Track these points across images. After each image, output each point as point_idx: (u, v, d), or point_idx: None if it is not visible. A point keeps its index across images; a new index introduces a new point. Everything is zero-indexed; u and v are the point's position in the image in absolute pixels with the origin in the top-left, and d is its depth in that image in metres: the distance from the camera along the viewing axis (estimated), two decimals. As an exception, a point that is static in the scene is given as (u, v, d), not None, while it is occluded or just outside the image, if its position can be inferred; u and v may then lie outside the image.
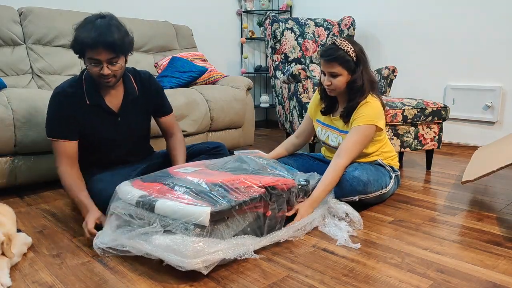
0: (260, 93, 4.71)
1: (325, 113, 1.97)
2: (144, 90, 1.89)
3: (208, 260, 1.24)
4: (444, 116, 2.51)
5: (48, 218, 1.77)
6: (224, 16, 4.28)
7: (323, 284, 1.23)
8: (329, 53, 1.76)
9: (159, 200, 1.33)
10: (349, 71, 1.77)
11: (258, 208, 1.44)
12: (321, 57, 1.80)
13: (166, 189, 1.42)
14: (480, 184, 2.27)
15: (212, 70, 3.18)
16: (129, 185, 1.50)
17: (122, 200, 1.44)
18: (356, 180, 1.74)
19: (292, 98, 2.85)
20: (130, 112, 1.86)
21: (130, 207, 1.39)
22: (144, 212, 1.35)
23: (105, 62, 1.64)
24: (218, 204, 1.31)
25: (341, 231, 1.58)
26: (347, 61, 1.75)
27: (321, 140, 2.01)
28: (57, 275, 1.28)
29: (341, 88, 1.81)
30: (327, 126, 1.97)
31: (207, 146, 2.10)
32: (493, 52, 3.09)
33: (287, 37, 3.37)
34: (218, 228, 1.30)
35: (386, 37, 3.70)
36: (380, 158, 1.93)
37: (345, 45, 1.75)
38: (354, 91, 1.79)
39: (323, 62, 1.79)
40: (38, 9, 2.74)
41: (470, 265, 1.34)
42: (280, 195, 1.53)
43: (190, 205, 1.29)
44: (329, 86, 1.81)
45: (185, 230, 1.26)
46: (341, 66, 1.76)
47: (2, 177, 2.03)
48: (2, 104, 2.00)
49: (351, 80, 1.79)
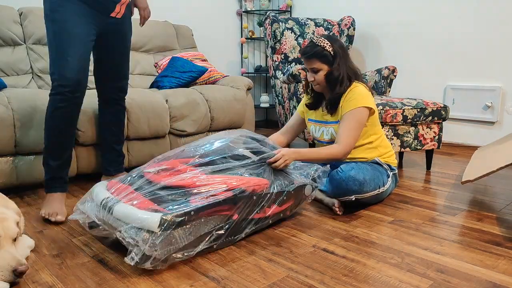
0: (260, 93, 4.71)
1: (311, 107, 2.02)
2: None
3: None
4: (444, 116, 2.51)
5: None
6: (224, 16, 4.29)
7: (323, 284, 1.23)
8: (307, 50, 1.86)
9: (117, 204, 1.36)
10: (328, 64, 1.85)
11: (223, 212, 1.41)
12: (302, 55, 1.89)
13: (130, 192, 1.44)
14: (480, 184, 2.27)
15: (212, 70, 3.18)
16: (104, 185, 1.56)
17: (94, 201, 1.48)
18: (351, 179, 1.74)
19: (292, 98, 2.85)
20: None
21: (99, 210, 1.43)
22: (106, 214, 1.39)
23: None
24: (172, 210, 1.31)
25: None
26: (325, 55, 1.84)
27: (316, 138, 2.03)
28: (57, 275, 1.28)
29: (324, 82, 1.88)
30: (319, 123, 1.99)
31: None
32: (493, 52, 3.09)
33: (287, 37, 3.38)
34: (172, 233, 1.28)
35: (386, 37, 3.70)
36: (377, 155, 1.93)
37: (322, 41, 1.84)
38: (332, 82, 1.86)
39: (304, 59, 1.89)
40: (38, 9, 2.74)
41: (470, 265, 1.34)
42: (251, 197, 1.49)
43: (144, 210, 1.30)
44: (313, 81, 1.89)
45: (135, 235, 1.26)
46: (319, 60, 1.84)
47: (2, 177, 2.03)
48: (2, 104, 2.01)
49: (328, 72, 1.85)
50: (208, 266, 1.33)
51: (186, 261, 1.37)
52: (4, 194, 2.09)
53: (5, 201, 1.42)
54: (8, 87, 2.36)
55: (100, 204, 1.42)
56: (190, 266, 1.34)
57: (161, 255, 1.27)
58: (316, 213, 1.82)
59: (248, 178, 1.53)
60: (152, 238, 1.25)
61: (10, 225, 1.25)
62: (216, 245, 1.44)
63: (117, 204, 1.37)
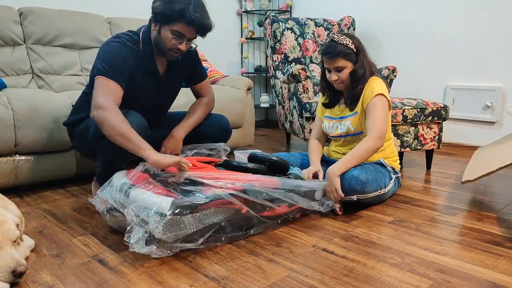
0: (260, 93, 4.71)
1: (328, 106, 2.03)
2: (185, 56, 1.91)
3: None
4: (444, 116, 2.51)
5: (48, 218, 1.77)
6: (224, 16, 4.29)
7: (323, 284, 1.23)
8: (330, 50, 1.84)
9: (133, 188, 1.47)
10: (352, 62, 1.85)
11: (233, 205, 1.49)
12: (323, 55, 1.87)
13: (148, 180, 1.54)
14: (480, 184, 2.27)
15: (212, 70, 3.18)
16: (124, 173, 1.66)
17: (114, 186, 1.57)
18: (354, 179, 1.74)
19: (292, 98, 2.85)
20: (172, 78, 1.90)
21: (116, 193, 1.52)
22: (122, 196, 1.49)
23: (187, 40, 1.67)
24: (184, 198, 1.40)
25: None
26: (348, 53, 1.84)
27: (330, 134, 2.04)
28: (57, 275, 1.28)
29: (349, 80, 1.88)
30: (334, 119, 2.01)
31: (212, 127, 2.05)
32: (493, 52, 3.09)
33: (287, 37, 3.37)
34: (182, 219, 1.36)
35: (386, 37, 3.70)
36: (382, 156, 1.94)
37: (344, 39, 1.84)
38: (356, 79, 1.87)
39: (327, 59, 1.86)
40: (38, 9, 2.74)
41: (470, 265, 1.34)
42: (260, 194, 1.55)
43: (157, 194, 1.40)
44: (337, 80, 1.88)
45: (147, 216, 1.35)
46: (344, 59, 1.84)
47: (2, 177, 2.03)
48: (2, 104, 2.01)
49: (353, 69, 1.86)
50: (208, 266, 1.34)
51: (186, 261, 1.37)
52: (4, 194, 2.10)
53: (5, 203, 1.42)
54: (8, 87, 2.35)
55: (118, 189, 1.51)
56: (190, 266, 1.34)
57: (169, 238, 1.33)
58: (316, 213, 1.82)
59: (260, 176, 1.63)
60: (163, 220, 1.32)
61: (9, 227, 1.25)
62: (224, 237, 1.48)
63: (133, 188, 1.47)
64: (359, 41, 1.88)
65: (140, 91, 1.80)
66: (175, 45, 1.69)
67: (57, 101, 2.16)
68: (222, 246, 1.48)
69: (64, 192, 2.13)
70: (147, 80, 1.82)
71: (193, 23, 1.65)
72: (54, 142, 2.13)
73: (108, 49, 1.70)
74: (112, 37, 1.77)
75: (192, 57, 1.96)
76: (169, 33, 1.68)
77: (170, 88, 1.94)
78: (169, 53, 1.73)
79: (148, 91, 1.83)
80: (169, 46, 1.70)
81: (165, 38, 1.69)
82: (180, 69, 1.92)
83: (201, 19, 1.66)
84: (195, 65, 1.99)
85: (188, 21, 1.64)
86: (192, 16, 1.63)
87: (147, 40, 1.77)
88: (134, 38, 1.78)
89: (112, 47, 1.71)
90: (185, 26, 1.66)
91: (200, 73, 2.03)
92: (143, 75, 1.79)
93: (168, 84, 1.91)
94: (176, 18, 1.64)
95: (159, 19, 1.69)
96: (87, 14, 2.91)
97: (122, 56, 1.70)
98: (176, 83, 1.96)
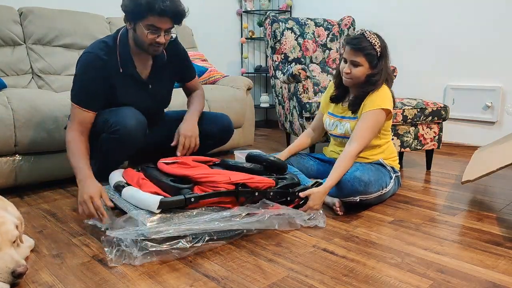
0: (260, 93, 4.71)
1: (334, 100, 2.00)
2: (171, 55, 1.88)
3: None
4: (444, 116, 2.51)
5: (48, 218, 1.77)
6: (224, 16, 4.28)
7: (323, 284, 1.23)
8: (355, 42, 1.80)
9: (126, 187, 1.56)
10: (370, 63, 1.82)
11: (224, 204, 1.53)
12: (347, 44, 1.83)
13: (141, 178, 1.63)
14: (480, 184, 2.27)
15: (212, 70, 3.18)
16: (120, 172, 1.77)
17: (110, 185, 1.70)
18: (357, 180, 1.74)
19: (292, 98, 2.85)
20: (159, 79, 1.87)
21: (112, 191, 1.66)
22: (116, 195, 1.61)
23: (164, 31, 1.64)
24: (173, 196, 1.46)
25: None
26: (371, 54, 1.80)
27: (329, 131, 2.03)
28: (57, 275, 1.28)
29: (359, 79, 1.85)
30: (336, 117, 2.00)
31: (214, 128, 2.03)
32: (493, 52, 3.09)
33: (287, 37, 3.37)
34: (171, 216, 1.41)
35: (386, 37, 3.64)
36: (382, 156, 1.93)
37: (373, 38, 1.81)
38: (369, 83, 1.84)
39: (348, 49, 1.83)
40: (38, 9, 2.74)
41: (470, 265, 1.34)
42: (253, 193, 1.57)
43: (147, 193, 1.47)
44: (348, 74, 1.84)
45: (137, 214, 1.42)
46: (364, 57, 1.81)
47: (2, 177, 2.03)
48: (2, 104, 2.00)
49: (371, 73, 1.83)
50: (208, 266, 1.33)
51: (186, 261, 1.37)
52: (4, 194, 2.10)
53: (5, 204, 1.42)
54: (8, 87, 2.35)
55: (113, 187, 1.65)
56: (190, 266, 1.34)
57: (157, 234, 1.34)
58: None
59: (253, 175, 1.63)
60: (151, 218, 1.38)
61: (8, 228, 1.25)
62: (217, 236, 1.48)
63: (126, 187, 1.57)
64: (386, 47, 1.85)
65: (125, 95, 1.78)
66: (154, 39, 1.65)
67: (57, 101, 2.16)
68: (222, 246, 1.48)
69: (64, 192, 2.13)
70: (130, 84, 1.78)
71: (165, 13, 1.60)
72: (54, 142, 2.13)
73: (77, 72, 1.72)
74: (86, 49, 1.75)
75: (179, 55, 1.92)
76: (144, 29, 1.64)
77: (158, 90, 1.89)
78: (151, 49, 1.69)
79: (133, 94, 1.80)
80: (148, 41, 1.67)
81: (142, 34, 1.65)
82: (167, 69, 1.89)
83: (172, 7, 1.61)
84: (184, 62, 1.96)
85: (159, 13, 1.59)
86: (162, 6, 1.58)
87: (124, 43, 1.74)
88: (109, 44, 1.74)
89: (80, 68, 1.71)
90: (157, 18, 1.61)
91: (190, 70, 2.02)
92: (124, 79, 1.76)
93: (155, 86, 1.86)
94: (146, 12, 1.60)
95: (130, 17, 1.67)
96: (87, 14, 2.91)
97: (90, 75, 1.70)
98: (165, 84, 1.92)
